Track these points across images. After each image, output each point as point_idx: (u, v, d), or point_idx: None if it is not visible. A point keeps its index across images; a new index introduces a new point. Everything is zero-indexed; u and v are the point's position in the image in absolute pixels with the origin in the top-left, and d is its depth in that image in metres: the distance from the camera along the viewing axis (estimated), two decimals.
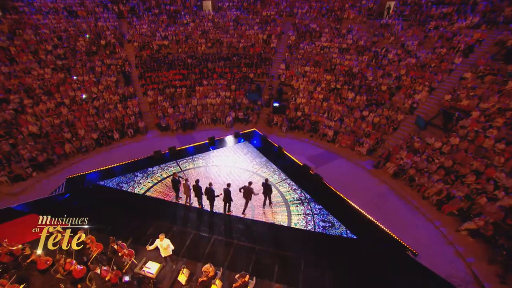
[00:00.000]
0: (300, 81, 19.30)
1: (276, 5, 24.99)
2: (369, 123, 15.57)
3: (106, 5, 22.60)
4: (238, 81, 20.07)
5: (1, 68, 15.65)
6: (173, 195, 10.49)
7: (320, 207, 10.04)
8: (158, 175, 11.99)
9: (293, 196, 10.70)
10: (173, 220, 9.28)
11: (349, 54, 19.70)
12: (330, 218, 9.51)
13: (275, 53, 21.88)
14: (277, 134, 16.94)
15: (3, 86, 14.95)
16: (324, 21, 22.62)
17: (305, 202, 10.32)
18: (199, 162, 13.08)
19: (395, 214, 10.95)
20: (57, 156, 13.75)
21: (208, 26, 23.43)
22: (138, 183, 11.40)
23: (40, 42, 17.87)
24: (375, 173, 13.47)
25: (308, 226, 9.06)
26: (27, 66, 16.42)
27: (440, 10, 18.84)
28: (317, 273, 7.46)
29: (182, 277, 6.60)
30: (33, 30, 18.13)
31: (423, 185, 11.89)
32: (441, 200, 11.18)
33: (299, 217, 9.48)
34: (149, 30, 22.05)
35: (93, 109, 16.34)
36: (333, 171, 13.16)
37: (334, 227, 9.11)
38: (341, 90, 17.85)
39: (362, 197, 11.45)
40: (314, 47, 20.96)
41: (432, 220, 10.79)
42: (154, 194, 10.73)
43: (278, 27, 23.14)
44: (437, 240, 9.97)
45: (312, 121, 16.95)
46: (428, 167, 12.40)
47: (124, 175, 11.90)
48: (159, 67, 20.29)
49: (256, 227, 9.08)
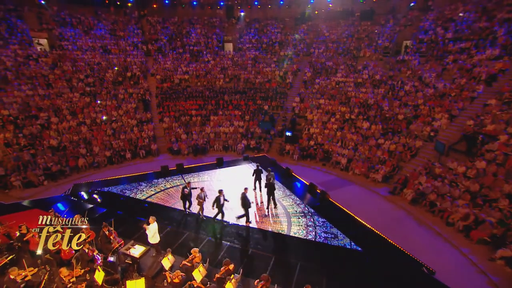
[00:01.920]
0: (314, 112, 20.45)
1: (293, 46, 27.95)
2: (384, 151, 15.78)
3: (137, 45, 26.70)
4: (252, 112, 21.67)
5: (39, 91, 18.61)
6: (172, 202, 11.04)
7: (324, 220, 10.12)
8: (162, 185, 12.79)
9: (295, 209, 10.89)
10: (170, 222, 9.74)
11: (365, 87, 20.94)
12: (333, 230, 9.43)
13: (291, 88, 23.76)
14: (288, 162, 17.43)
15: (37, 105, 17.65)
16: (340, 59, 24.71)
17: (308, 215, 10.41)
18: (204, 177, 13.80)
19: (413, 238, 10.48)
20: (69, 168, 15.26)
21: (227, 64, 26.44)
22: (141, 191, 12.22)
23: (75, 72, 21.25)
24: (391, 199, 13.24)
25: (308, 236, 9.01)
26: (60, 90, 19.36)
27: (458, 46, 20.12)
28: (313, 278, 7.28)
29: (166, 261, 6.83)
30: (71, 63, 21.77)
31: (446, 210, 11.48)
32: (469, 225, 10.65)
33: (299, 227, 9.48)
34: (171, 66, 25.32)
35: (111, 130, 18.32)
36: (345, 196, 13.11)
37: (337, 238, 8.98)
38: (355, 120, 18.59)
39: (376, 221, 11.14)
40: (329, 82, 22.59)
41: (458, 246, 10.17)
42: (154, 200, 11.41)
43: (295, 64, 25.53)
44: (466, 268, 9.27)
45: (325, 150, 17.44)
46: (451, 192, 12.09)
47: (129, 183, 12.82)
48: (177, 98, 22.72)
49: (252, 233, 9.20)
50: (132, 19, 29.45)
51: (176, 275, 6.39)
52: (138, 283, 6.05)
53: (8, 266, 6.93)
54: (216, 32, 30.43)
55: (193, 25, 30.79)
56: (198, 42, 28.95)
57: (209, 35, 29.86)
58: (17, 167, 14.01)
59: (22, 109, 17.00)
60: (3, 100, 16.88)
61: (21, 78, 18.96)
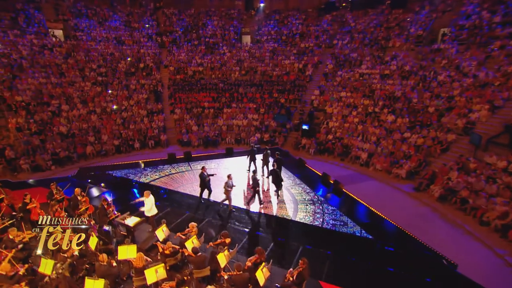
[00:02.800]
0: (334, 106, 20.33)
1: (315, 37, 28.01)
2: (410, 145, 15.37)
3: (151, 36, 27.99)
4: (268, 105, 21.91)
5: (51, 79, 20.06)
6: (175, 186, 11.44)
7: (334, 208, 10.15)
8: (167, 171, 13.41)
9: (304, 197, 11.05)
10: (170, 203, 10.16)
11: (392, 79, 20.55)
12: (343, 218, 9.42)
13: (310, 80, 23.78)
14: (304, 156, 17.33)
15: (49, 93, 19.04)
16: (366, 50, 24.43)
17: (317, 203, 10.44)
18: (212, 165, 14.26)
19: (438, 235, 10.10)
20: (77, 155, 16.22)
21: (244, 56, 26.99)
22: (146, 175, 12.88)
23: (88, 62, 22.66)
24: (415, 195, 12.88)
25: (315, 222, 9.04)
26: (72, 79, 20.71)
27: (507, 30, 19.16)
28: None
29: (160, 232, 7.11)
30: (84, 53, 23.26)
31: (480, 207, 10.99)
32: (507, 224, 10.14)
33: (306, 213, 9.50)
34: (186, 58, 26.25)
35: (120, 119, 19.26)
36: (363, 190, 12.88)
37: (346, 225, 9.01)
38: (379, 113, 18.29)
39: (397, 217, 10.85)
40: (352, 74, 22.40)
41: (492, 246, 9.69)
42: (157, 183, 12.19)
43: (316, 56, 25.57)
44: (500, 269, 8.82)
45: (344, 144, 17.27)
46: (486, 188, 11.56)
47: (134, 168, 13.52)
48: (190, 89, 23.50)
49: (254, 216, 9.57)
50: (147, 10, 30.94)
51: (167, 247, 6.64)
52: (130, 249, 6.36)
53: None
54: (233, 24, 31.20)
55: (210, 17, 31.79)
56: (215, 34, 29.80)
57: (226, 27, 30.66)
58: (26, 151, 15.12)
59: (34, 96, 18.35)
60: (18, 87, 18.32)
61: (35, 66, 20.47)
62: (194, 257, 6.16)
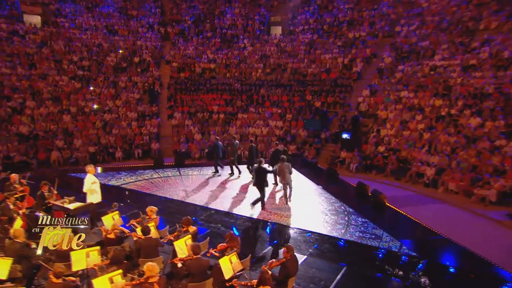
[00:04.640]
0: (390, 109, 19.96)
1: (370, 25, 28.29)
2: (505, 156, 14.42)
3: (152, 26, 30.03)
4: (298, 110, 22.03)
5: (18, 70, 21.99)
6: (153, 190, 12.09)
7: (365, 220, 10.56)
8: (148, 175, 14.40)
9: (325, 206, 11.54)
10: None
11: (480, 71, 19.95)
12: (377, 232, 9.85)
13: (358, 78, 23.71)
14: (343, 174, 16.84)
15: (12, 85, 20.69)
16: (443, 37, 24.10)
17: (342, 214, 11.03)
18: (208, 172, 15.28)
19: None
20: (37, 162, 17.00)
21: (270, 50, 27.84)
22: (118, 178, 13.89)
23: (68, 53, 24.66)
24: (510, 225, 11.82)
25: (332, 233, 9.62)
26: (44, 72, 22.53)
27: None
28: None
29: (108, 219, 7.54)
30: (64, 42, 25.41)
31: None
32: None
33: (323, 223, 10.22)
34: (194, 52, 27.61)
35: (101, 122, 20.24)
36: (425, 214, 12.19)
37: (379, 239, 9.35)
38: (457, 116, 17.67)
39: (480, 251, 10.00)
40: (420, 69, 22.06)
41: None
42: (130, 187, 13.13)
43: (368, 48, 25.65)
44: None
45: (401, 158, 16.75)
46: None
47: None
48: (196, 90, 24.48)
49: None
50: None
51: (112, 229, 7.07)
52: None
53: None
54: (260, 12, 32.71)
55: (230, 4, 33.70)
56: (234, 24, 31.33)
57: (251, 16, 32.16)
58: None
59: None
60: None
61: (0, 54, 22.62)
62: (144, 239, 6.40)
